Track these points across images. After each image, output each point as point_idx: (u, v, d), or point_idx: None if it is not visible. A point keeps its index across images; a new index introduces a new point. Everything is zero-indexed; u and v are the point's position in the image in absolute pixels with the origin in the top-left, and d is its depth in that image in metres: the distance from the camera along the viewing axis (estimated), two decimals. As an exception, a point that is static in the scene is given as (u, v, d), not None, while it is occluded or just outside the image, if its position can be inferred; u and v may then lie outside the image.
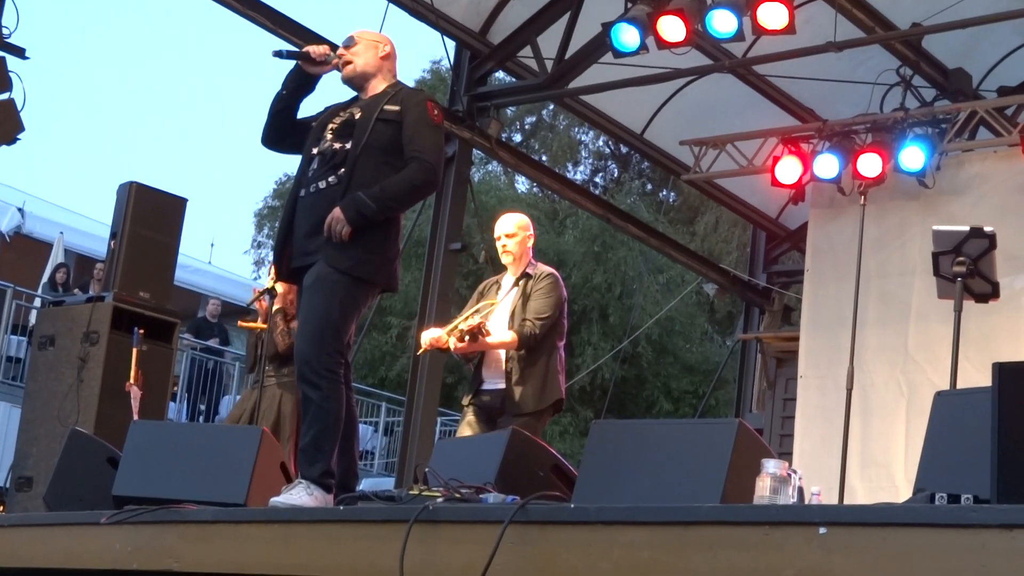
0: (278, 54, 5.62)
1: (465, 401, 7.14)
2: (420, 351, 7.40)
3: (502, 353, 6.97)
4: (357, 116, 5.50)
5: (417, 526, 4.28)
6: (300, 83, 5.65)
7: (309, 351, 5.26)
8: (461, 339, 6.90)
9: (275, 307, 8.46)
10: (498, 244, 7.24)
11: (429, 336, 7.12)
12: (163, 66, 64.80)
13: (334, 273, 5.30)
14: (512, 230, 7.20)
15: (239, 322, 8.85)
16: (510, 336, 6.90)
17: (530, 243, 7.23)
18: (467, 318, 7.00)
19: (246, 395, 8.83)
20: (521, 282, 7.09)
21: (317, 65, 5.61)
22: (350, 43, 5.64)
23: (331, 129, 5.53)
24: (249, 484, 5.27)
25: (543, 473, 5.22)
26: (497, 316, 7.05)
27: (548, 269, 7.21)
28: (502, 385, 6.95)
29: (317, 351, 5.24)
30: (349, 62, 5.60)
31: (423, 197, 5.94)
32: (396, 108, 5.47)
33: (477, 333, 6.84)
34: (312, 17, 10.46)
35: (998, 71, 11.73)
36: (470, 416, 7.08)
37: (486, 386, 7.03)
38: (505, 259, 7.20)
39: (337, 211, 5.27)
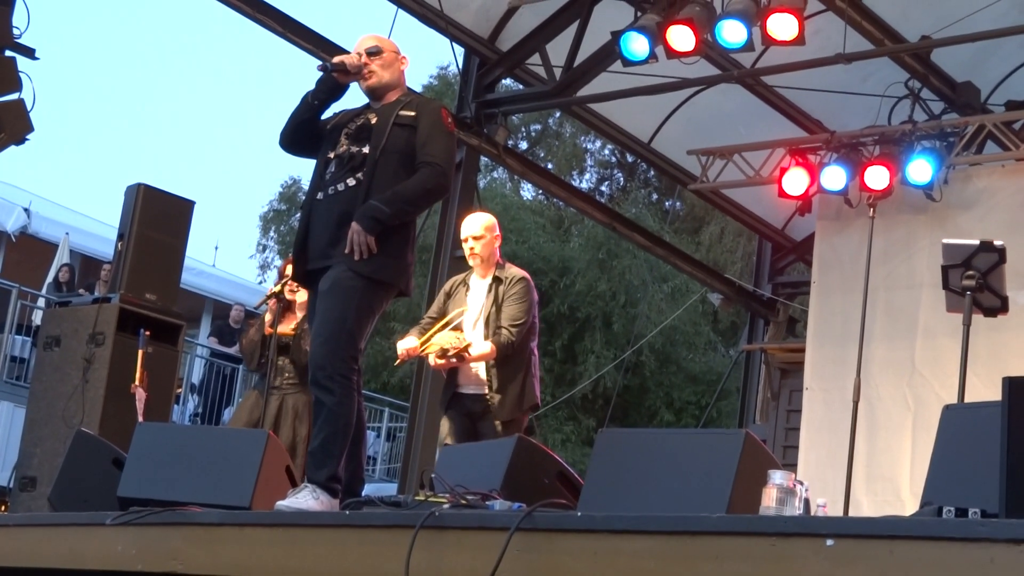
0: (323, 68, 5.69)
1: (443, 407, 7.13)
2: (397, 362, 7.32)
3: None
4: (373, 121, 5.59)
5: (423, 532, 4.27)
6: (331, 91, 5.70)
7: (324, 356, 5.28)
8: (443, 356, 6.89)
9: (302, 315, 8.27)
10: (465, 246, 7.17)
11: (404, 346, 7.08)
12: (171, 69, 64.95)
13: (353, 277, 5.32)
14: (479, 232, 7.12)
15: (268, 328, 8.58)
16: (488, 347, 6.91)
17: (497, 244, 7.17)
18: (440, 329, 6.97)
19: (254, 398, 8.70)
20: (493, 286, 7.05)
21: (350, 75, 5.67)
22: (376, 52, 5.70)
23: (346, 134, 5.60)
24: (254, 487, 5.26)
25: (549, 481, 5.21)
26: (470, 321, 7.02)
27: (519, 272, 7.16)
28: (479, 391, 6.98)
29: (332, 356, 5.26)
30: (374, 72, 5.67)
31: (435, 201, 5.97)
32: (412, 114, 5.58)
33: (462, 353, 6.84)
34: (320, 20, 10.48)
35: (1006, 85, 11.72)
36: (450, 422, 7.09)
37: (463, 390, 7.06)
38: (473, 262, 7.14)
39: (355, 225, 5.31)
